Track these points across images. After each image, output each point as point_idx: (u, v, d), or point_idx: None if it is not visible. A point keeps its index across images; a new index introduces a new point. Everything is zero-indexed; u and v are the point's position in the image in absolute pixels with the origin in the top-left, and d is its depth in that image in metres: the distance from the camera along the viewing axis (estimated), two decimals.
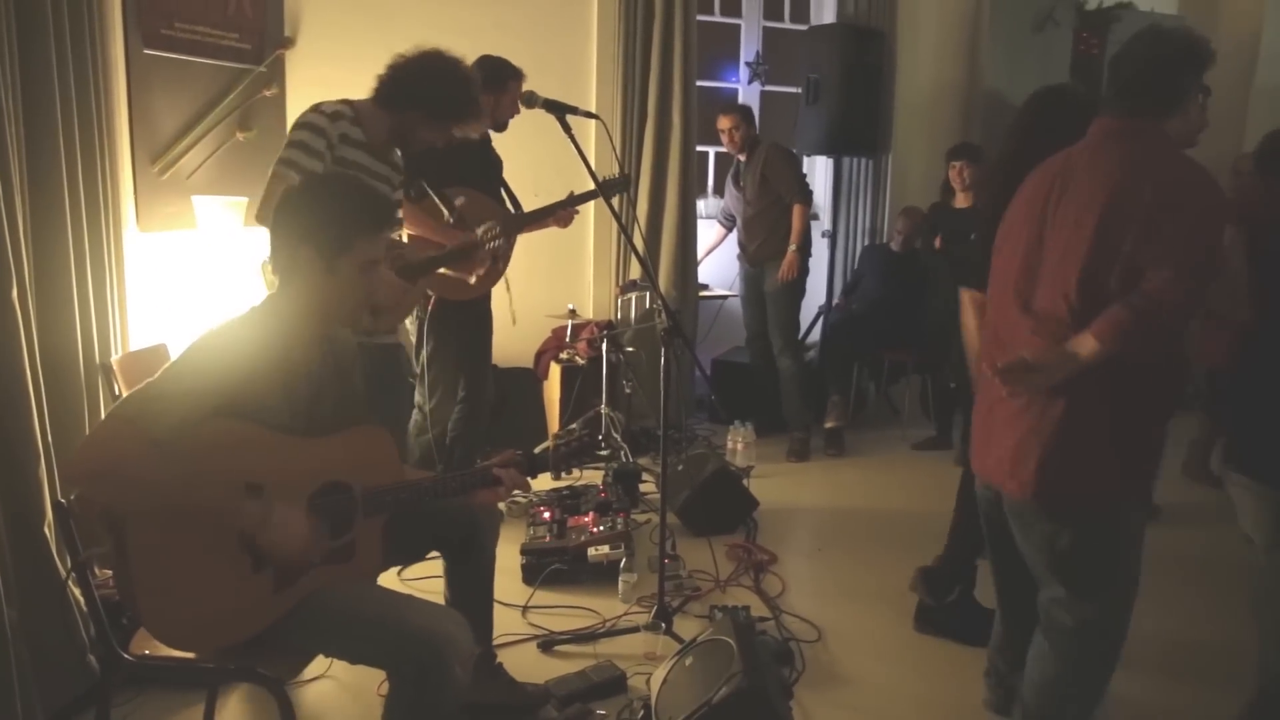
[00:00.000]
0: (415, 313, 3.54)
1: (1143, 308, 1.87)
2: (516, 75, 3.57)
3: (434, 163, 3.36)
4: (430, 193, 3.07)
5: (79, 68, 2.59)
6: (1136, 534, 2.10)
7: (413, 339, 3.63)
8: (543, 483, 3.87)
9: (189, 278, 3.29)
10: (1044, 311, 2.03)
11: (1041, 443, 2.02)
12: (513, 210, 3.68)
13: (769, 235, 4.74)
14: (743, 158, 4.77)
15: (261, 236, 2.48)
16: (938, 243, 4.75)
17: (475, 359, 3.70)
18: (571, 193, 3.64)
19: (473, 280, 3.22)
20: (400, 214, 2.86)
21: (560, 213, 3.66)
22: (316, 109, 2.57)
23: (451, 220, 3.18)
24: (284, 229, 1.90)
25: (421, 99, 2.58)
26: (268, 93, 3.86)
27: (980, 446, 2.22)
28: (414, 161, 3.34)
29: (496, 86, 3.51)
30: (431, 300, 3.44)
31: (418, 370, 3.62)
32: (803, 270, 4.74)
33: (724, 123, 4.70)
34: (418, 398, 3.66)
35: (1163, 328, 1.90)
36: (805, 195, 4.73)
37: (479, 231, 3.19)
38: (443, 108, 2.61)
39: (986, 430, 2.19)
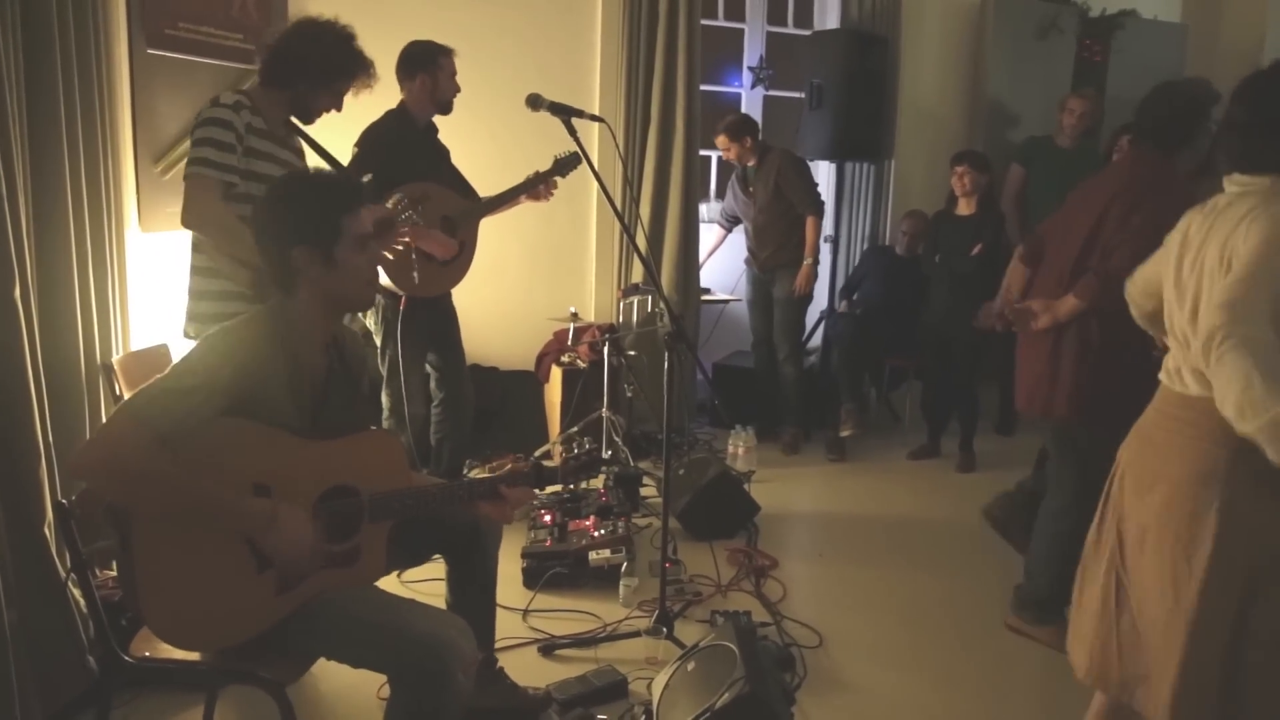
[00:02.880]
0: (384, 314, 3.51)
1: (1107, 277, 2.62)
2: (445, 50, 3.52)
3: (384, 160, 3.33)
4: None
5: (83, 67, 2.59)
6: (1101, 447, 2.28)
7: (377, 341, 3.60)
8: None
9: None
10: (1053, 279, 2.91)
11: (1040, 373, 2.86)
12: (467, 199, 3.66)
13: (781, 244, 4.75)
14: (751, 163, 4.77)
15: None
16: (937, 259, 4.75)
17: (446, 356, 3.68)
18: (537, 171, 3.62)
19: (389, 256, 3.22)
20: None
21: (539, 188, 3.63)
22: (216, 103, 2.54)
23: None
24: (270, 239, 1.90)
25: (305, 66, 2.61)
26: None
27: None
28: (364, 161, 3.34)
29: (429, 65, 3.49)
30: (403, 300, 3.42)
31: (383, 372, 3.60)
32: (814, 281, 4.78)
33: (720, 143, 4.73)
34: (385, 401, 3.65)
35: (1119, 294, 2.39)
36: (819, 207, 4.75)
37: (389, 203, 3.12)
38: (327, 69, 2.63)
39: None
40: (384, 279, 3.38)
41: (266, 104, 2.62)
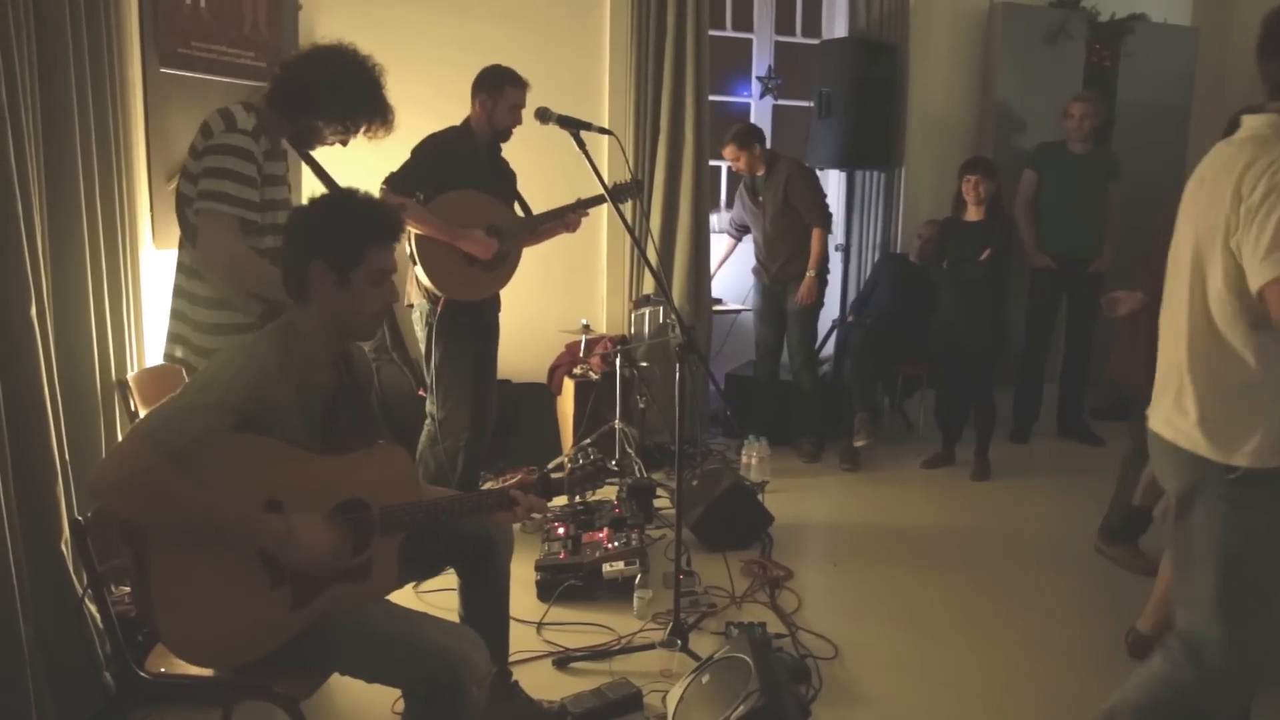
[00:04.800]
0: (426, 319, 3.54)
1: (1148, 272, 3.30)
2: (515, 82, 3.54)
3: (429, 167, 3.40)
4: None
5: (97, 87, 2.61)
6: None
7: (422, 348, 3.63)
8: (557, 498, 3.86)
9: None
10: None
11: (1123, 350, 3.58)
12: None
13: (792, 256, 4.78)
14: (760, 173, 4.79)
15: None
16: (946, 265, 4.73)
17: (481, 369, 3.69)
18: (579, 198, 3.65)
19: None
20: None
21: (568, 217, 3.66)
22: (232, 126, 2.39)
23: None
24: (294, 245, 1.92)
25: (313, 102, 2.47)
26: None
27: None
28: (411, 167, 3.38)
29: (491, 89, 3.53)
30: (441, 303, 3.45)
31: (429, 380, 3.62)
32: (821, 292, 4.80)
33: (728, 153, 4.77)
34: (429, 407, 3.66)
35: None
36: (826, 219, 4.77)
37: None
38: (336, 109, 2.49)
39: None
40: (424, 278, 3.42)
41: (273, 124, 2.52)
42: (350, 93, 2.51)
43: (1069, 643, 3.06)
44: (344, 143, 2.64)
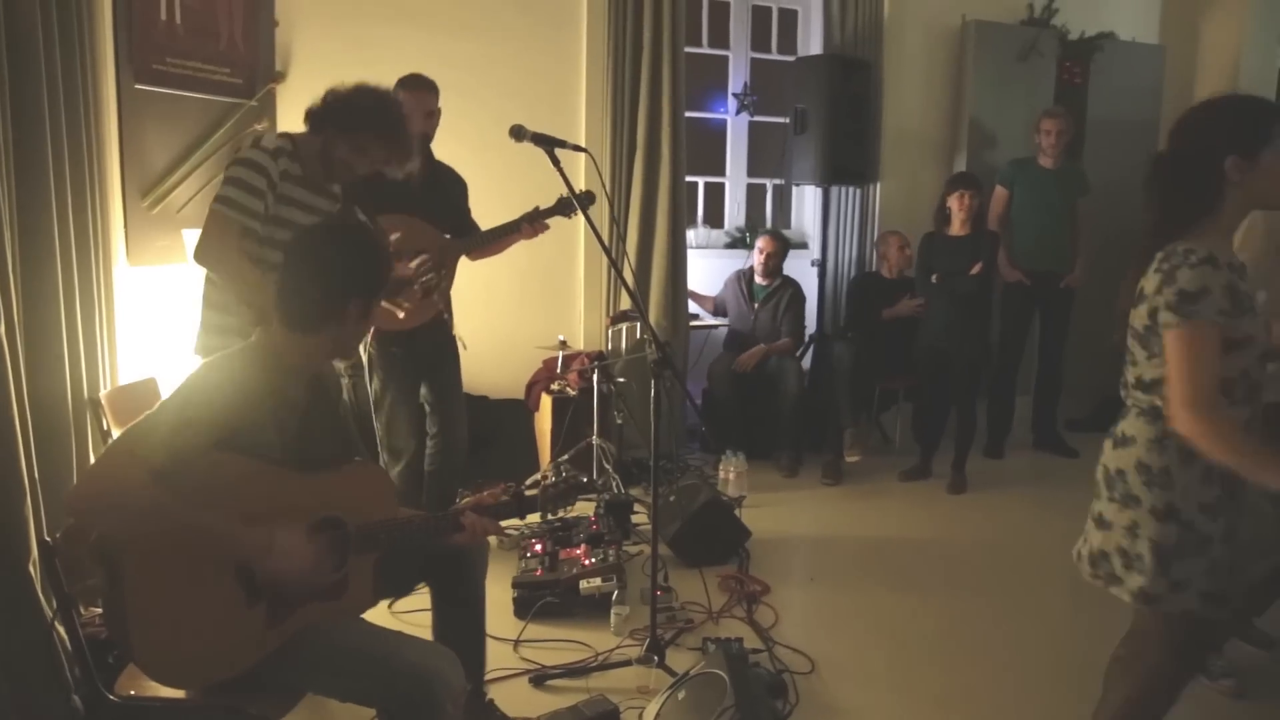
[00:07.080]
0: (365, 345, 3.49)
1: None
2: (404, 84, 3.42)
3: (368, 191, 3.30)
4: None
5: (70, 102, 2.60)
6: None
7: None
8: (534, 515, 3.84)
9: (179, 311, 3.28)
10: None
11: None
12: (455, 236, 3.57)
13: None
14: (765, 281, 5.08)
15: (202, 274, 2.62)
16: (935, 278, 4.76)
17: (436, 390, 3.65)
18: (537, 207, 3.52)
19: (400, 315, 3.10)
20: None
21: (524, 227, 3.50)
22: (258, 145, 2.57)
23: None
24: (335, 280, 1.89)
25: (330, 112, 2.59)
26: (259, 126, 3.87)
27: None
28: (351, 187, 3.32)
29: None
30: (371, 332, 3.40)
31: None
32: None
33: (766, 245, 5.07)
34: (378, 430, 3.63)
35: None
36: (801, 338, 5.13)
37: (411, 266, 3.14)
38: (350, 118, 2.58)
39: None
40: None
41: (309, 151, 2.63)
42: (358, 103, 2.59)
43: (1045, 656, 3.08)
44: (360, 167, 2.65)
